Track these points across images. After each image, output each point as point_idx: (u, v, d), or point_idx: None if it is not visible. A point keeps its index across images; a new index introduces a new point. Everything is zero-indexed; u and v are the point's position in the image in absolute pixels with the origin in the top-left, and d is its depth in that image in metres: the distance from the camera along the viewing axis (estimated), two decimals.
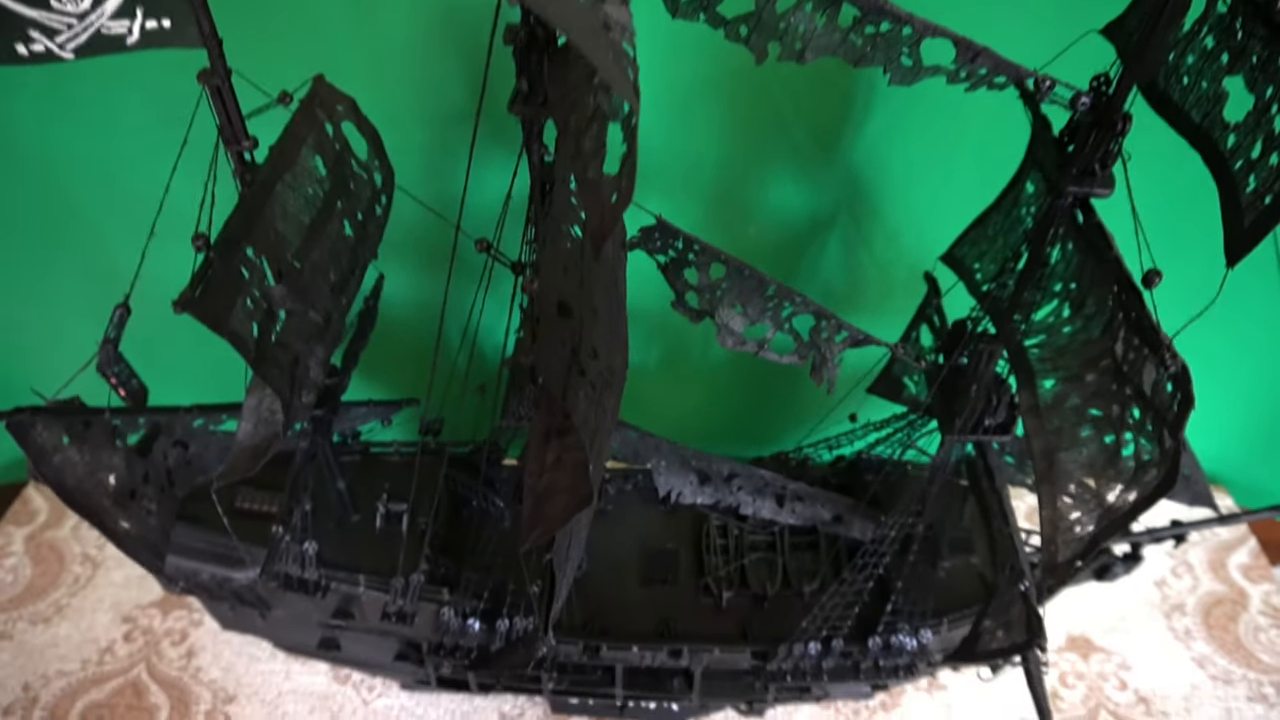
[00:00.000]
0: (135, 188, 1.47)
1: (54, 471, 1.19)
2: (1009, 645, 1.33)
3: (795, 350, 1.35)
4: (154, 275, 1.20)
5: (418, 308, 1.88)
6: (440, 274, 1.89)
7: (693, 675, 1.68)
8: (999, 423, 1.32)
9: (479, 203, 1.46)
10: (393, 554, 1.56)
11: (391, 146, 1.39)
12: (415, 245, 1.79)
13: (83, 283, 1.89)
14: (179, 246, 1.01)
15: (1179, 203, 1.23)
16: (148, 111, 1.50)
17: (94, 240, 1.81)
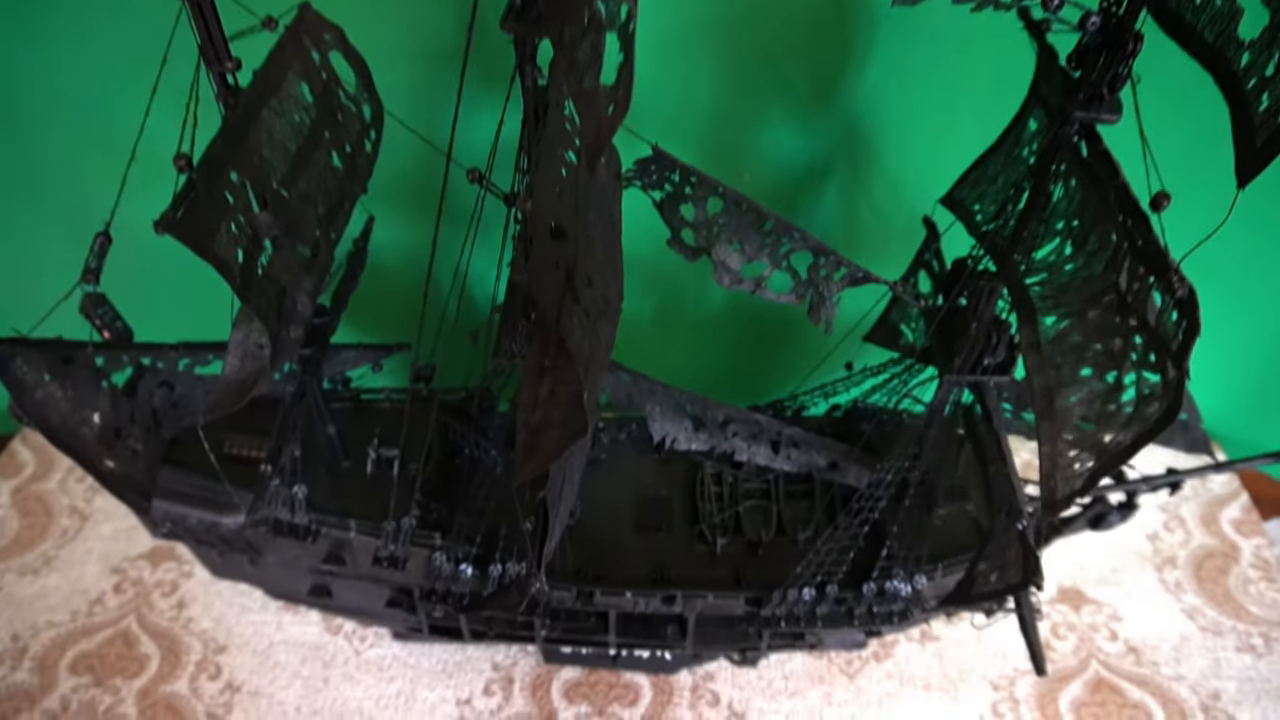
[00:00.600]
0: (114, 119, 1.43)
1: (36, 408, 1.17)
2: (1004, 586, 1.32)
3: (793, 289, 1.33)
4: (136, 217, 1.17)
5: (408, 253, 1.85)
6: (431, 219, 1.87)
7: (686, 622, 1.68)
8: (998, 362, 1.31)
9: (470, 143, 1.42)
10: (384, 500, 1.55)
11: (380, 85, 1.36)
12: (405, 189, 1.75)
13: (62, 221, 1.85)
14: (161, 186, 0.98)
15: (1188, 128, 1.20)
16: (123, 35, 1.46)
17: (72, 176, 1.77)
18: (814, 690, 1.93)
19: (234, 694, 1.87)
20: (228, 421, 1.41)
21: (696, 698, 1.91)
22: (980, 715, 1.90)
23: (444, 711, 1.87)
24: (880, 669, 1.97)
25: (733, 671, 1.95)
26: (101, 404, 1.25)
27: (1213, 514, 2.29)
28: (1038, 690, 1.94)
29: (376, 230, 1.63)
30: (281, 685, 1.89)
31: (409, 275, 1.85)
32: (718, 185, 1.21)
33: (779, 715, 1.89)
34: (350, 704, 1.87)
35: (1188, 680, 1.96)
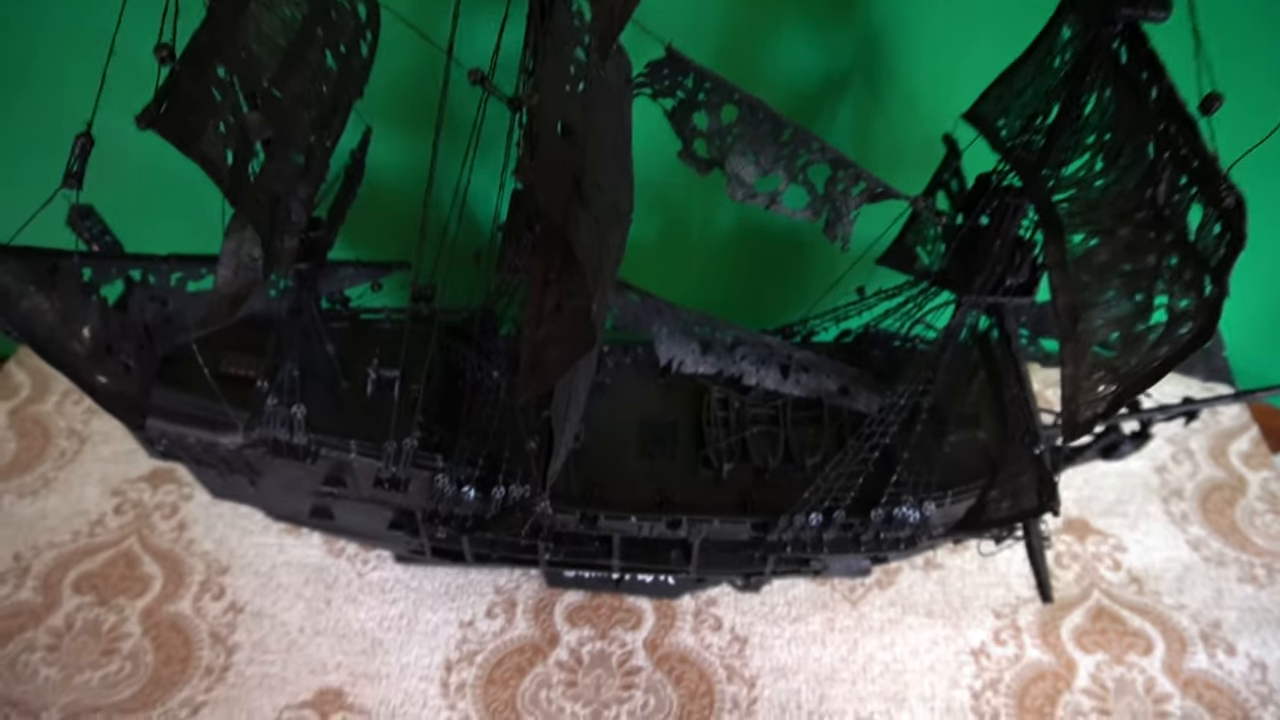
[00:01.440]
0: (90, 14, 1.35)
1: (21, 319, 1.12)
2: (1018, 511, 1.30)
3: (808, 204, 1.27)
4: (118, 124, 1.11)
5: (406, 167, 1.78)
6: (431, 131, 1.80)
7: (691, 547, 1.67)
8: (1021, 283, 1.26)
9: (472, 47, 1.35)
10: (385, 421, 1.51)
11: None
12: (404, 99, 1.68)
13: (37, 126, 1.78)
14: (144, 90, 0.92)
15: (1239, 26, 1.13)
16: None
17: (48, 78, 1.70)
18: (816, 616, 1.93)
19: (237, 614, 1.88)
20: (224, 340, 1.38)
21: (699, 622, 1.91)
22: (982, 642, 1.91)
23: (447, 633, 1.87)
24: (883, 596, 1.97)
25: (735, 597, 1.95)
26: (91, 318, 1.21)
27: (1221, 447, 2.26)
28: (1040, 619, 1.94)
29: (374, 143, 1.56)
30: (284, 606, 1.89)
31: (408, 190, 1.79)
32: (734, 90, 1.15)
33: (781, 640, 1.90)
34: (353, 625, 1.87)
35: (1189, 609, 1.97)
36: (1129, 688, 1.85)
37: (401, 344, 1.61)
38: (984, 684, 1.85)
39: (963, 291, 1.29)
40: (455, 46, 1.11)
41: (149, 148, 1.17)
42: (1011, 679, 1.86)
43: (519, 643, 1.86)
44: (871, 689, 1.83)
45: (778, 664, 1.86)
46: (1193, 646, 1.91)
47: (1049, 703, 1.83)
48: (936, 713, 1.81)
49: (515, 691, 1.80)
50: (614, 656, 1.85)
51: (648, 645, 1.87)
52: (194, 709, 1.74)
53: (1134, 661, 1.89)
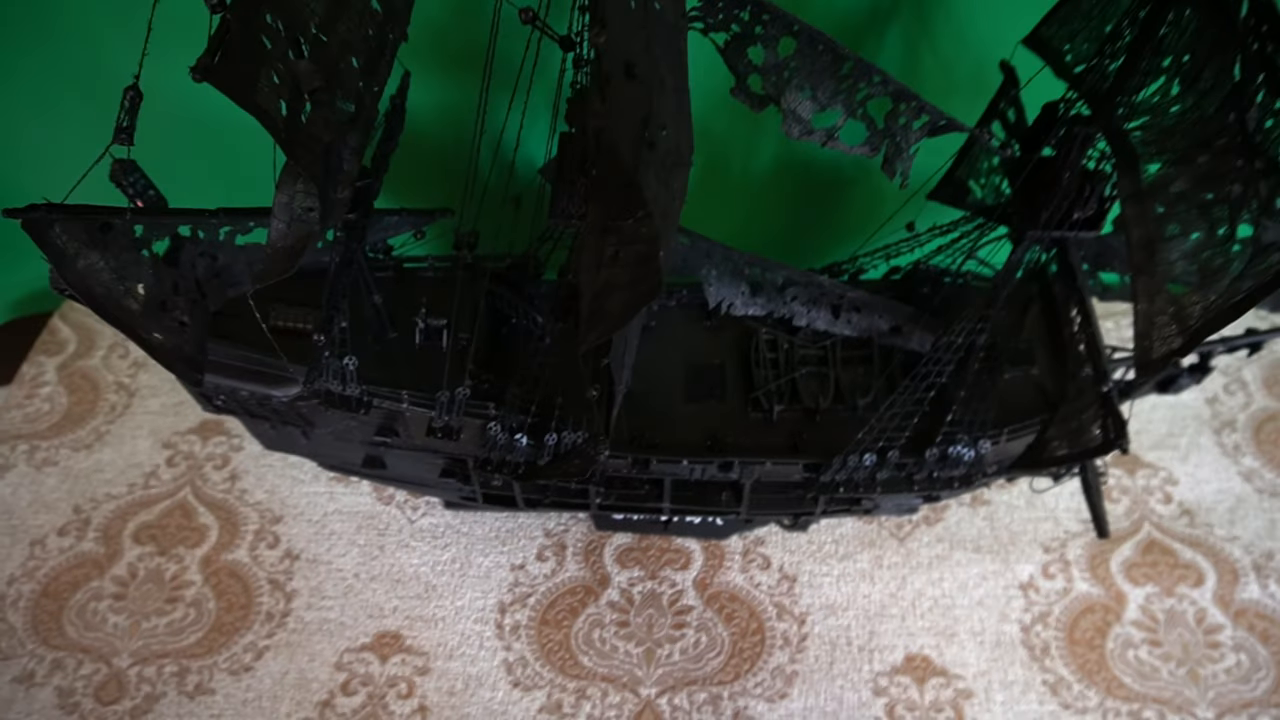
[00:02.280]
0: None
1: (79, 278, 1.12)
2: (1085, 449, 1.28)
3: (867, 140, 1.23)
4: (159, 78, 1.08)
5: (445, 112, 1.75)
6: (470, 72, 1.75)
7: (742, 489, 1.67)
8: (1087, 216, 1.22)
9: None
10: (434, 370, 1.52)
11: None
12: (441, 40, 1.64)
13: (81, 82, 1.76)
14: (183, 44, 0.89)
15: None
16: None
17: (88, 33, 1.67)
18: (864, 554, 1.94)
19: (293, 561, 1.91)
20: (271, 293, 1.37)
21: (748, 561, 1.93)
22: (1031, 576, 1.91)
23: (498, 577, 1.90)
24: (930, 532, 1.97)
25: (783, 536, 1.96)
26: (145, 275, 1.20)
27: (1275, 376, 2.22)
28: (1089, 552, 1.94)
29: (411, 88, 1.53)
30: (339, 553, 1.93)
31: (446, 136, 1.75)
32: (793, 22, 1.10)
33: (830, 578, 1.91)
34: (407, 570, 1.91)
35: (1241, 541, 1.96)
36: (1180, 619, 1.85)
37: (446, 292, 1.61)
38: (1033, 617, 1.86)
39: (1027, 227, 1.25)
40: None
41: (189, 99, 1.15)
42: (1061, 612, 1.87)
43: (570, 584, 1.89)
44: (921, 624, 1.85)
45: (827, 601, 1.88)
46: (1245, 578, 1.90)
47: (1099, 635, 1.84)
48: (986, 646, 1.82)
49: (569, 632, 1.83)
50: (664, 596, 1.88)
51: (697, 585, 1.90)
52: (258, 653, 1.79)
53: (1185, 593, 1.89)
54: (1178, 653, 1.81)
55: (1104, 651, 1.81)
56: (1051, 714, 1.74)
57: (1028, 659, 1.81)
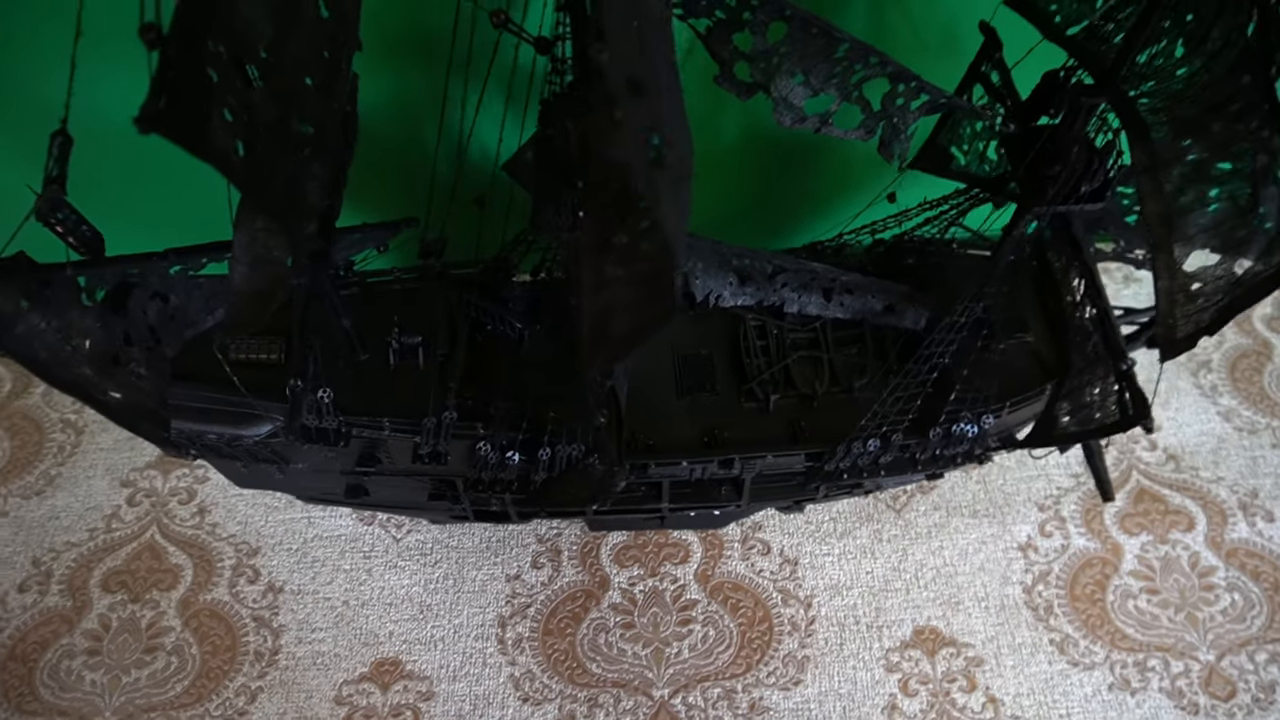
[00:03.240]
0: None
1: (20, 344, 1.00)
2: (1102, 425, 1.26)
3: (862, 123, 1.17)
4: (95, 101, 0.97)
5: (397, 110, 1.63)
6: (420, 66, 1.63)
7: (742, 482, 1.62)
8: (1093, 189, 1.17)
9: None
10: (412, 391, 1.43)
11: None
12: (387, 33, 1.52)
13: (15, 123, 1.61)
14: (120, 66, 0.78)
15: None
16: None
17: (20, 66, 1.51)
18: (863, 529, 1.92)
19: (277, 595, 1.82)
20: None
21: (747, 549, 1.90)
22: (1028, 536, 1.91)
23: (495, 589, 1.84)
24: (926, 501, 1.96)
25: (780, 519, 1.93)
26: (91, 327, 1.09)
27: (1246, 314, 2.24)
28: (1083, 507, 1.95)
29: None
30: (324, 581, 1.84)
31: (400, 137, 1.64)
32: (784, 6, 1.02)
33: (831, 557, 1.89)
34: (399, 591, 1.83)
35: (1226, 481, 1.98)
36: (1174, 565, 1.88)
37: (415, 305, 1.52)
38: (1034, 578, 1.87)
39: (1034, 202, 1.20)
40: None
41: (127, 133, 1.04)
42: (1060, 570, 1.88)
43: (570, 590, 1.84)
44: (925, 595, 1.84)
45: (831, 581, 1.86)
46: (1233, 518, 1.93)
47: (1099, 589, 1.85)
48: (991, 611, 1.83)
49: (574, 639, 1.78)
50: (667, 593, 1.84)
51: (699, 577, 1.86)
52: (251, 696, 1.71)
53: (1177, 539, 1.91)
54: (1175, 599, 1.84)
55: (1105, 605, 1.83)
56: (1061, 673, 1.75)
57: (1033, 620, 1.82)
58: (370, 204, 1.79)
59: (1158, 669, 1.75)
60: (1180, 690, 1.73)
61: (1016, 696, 1.73)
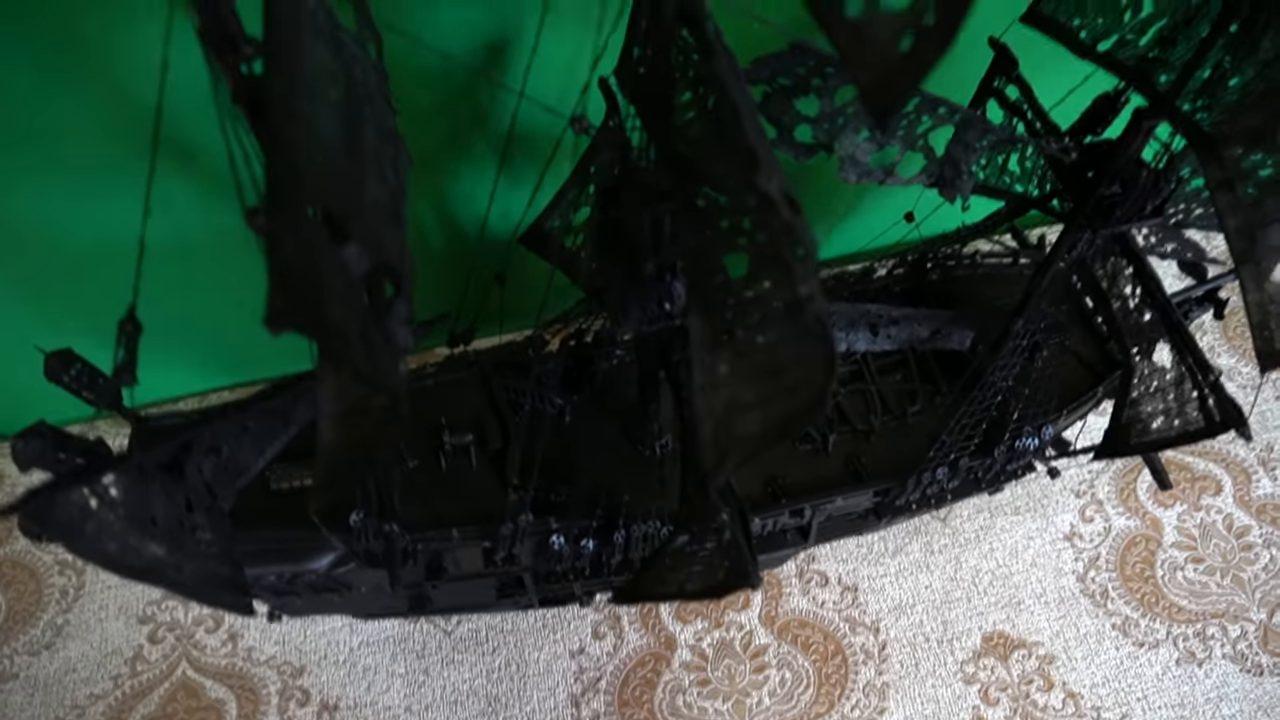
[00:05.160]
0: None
1: (91, 543, 0.90)
2: (1186, 431, 1.27)
3: (925, 169, 1.14)
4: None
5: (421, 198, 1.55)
6: (434, 157, 1.57)
7: (809, 527, 1.60)
8: (1156, 204, 1.18)
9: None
10: (472, 491, 1.36)
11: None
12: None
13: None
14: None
15: None
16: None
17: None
18: (913, 543, 1.92)
19: (332, 713, 1.72)
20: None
21: (806, 583, 1.87)
22: (1071, 525, 1.94)
23: (560, 668, 1.77)
24: (968, 505, 1.97)
25: (831, 547, 1.92)
26: (154, 504, 0.99)
27: None
28: (1117, 487, 1.99)
29: None
30: (380, 690, 1.75)
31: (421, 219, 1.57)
32: None
33: (888, 577, 1.88)
34: (461, 687, 1.75)
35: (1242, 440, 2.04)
36: (1212, 530, 1.93)
37: (451, 398, 1.45)
38: (1085, 565, 1.89)
39: (1101, 224, 1.19)
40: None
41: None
42: (1108, 552, 1.91)
43: (637, 655, 1.79)
44: (986, 600, 1.85)
45: (894, 602, 1.85)
46: (1255, 474, 1.99)
47: (1147, 565, 1.89)
48: (1051, 605, 1.85)
49: (651, 707, 1.73)
50: (736, 642, 1.80)
51: (764, 620, 1.83)
52: None
53: (1209, 503, 1.96)
54: (1219, 563, 1.89)
55: (1157, 580, 1.87)
56: (1129, 655, 1.79)
57: (1092, 608, 1.84)
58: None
59: (1217, 636, 1.80)
60: (1242, 654, 1.78)
61: (1093, 687, 1.75)
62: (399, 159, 0.98)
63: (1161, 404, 1.31)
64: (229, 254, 1.50)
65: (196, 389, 2.07)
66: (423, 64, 1.48)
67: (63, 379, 1.08)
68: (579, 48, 1.13)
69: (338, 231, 0.79)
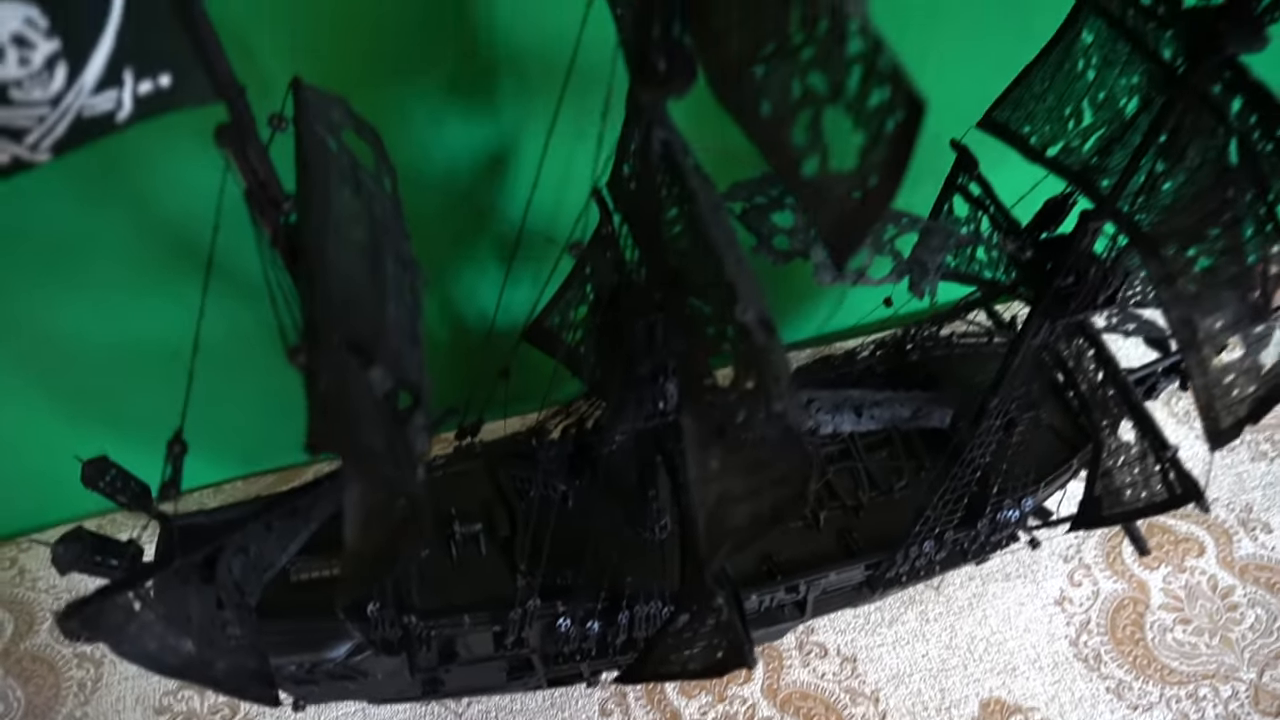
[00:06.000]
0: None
1: (133, 643, 0.98)
2: (1153, 504, 1.35)
3: (893, 270, 1.25)
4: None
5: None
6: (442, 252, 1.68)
7: (805, 601, 1.66)
8: (1107, 295, 1.28)
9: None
10: (482, 579, 1.44)
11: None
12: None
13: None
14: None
15: None
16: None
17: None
18: (909, 612, 1.98)
19: None
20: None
21: (806, 655, 1.92)
22: (1061, 590, 2.00)
23: None
24: (960, 574, 2.03)
25: (830, 618, 1.97)
26: (191, 605, 1.07)
27: None
28: (1103, 550, 2.05)
29: None
30: None
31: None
32: None
33: (885, 647, 1.93)
34: None
35: (1221, 501, 2.12)
36: (1198, 591, 1.99)
37: (460, 488, 1.53)
38: (1077, 629, 1.95)
39: (1059, 314, 1.30)
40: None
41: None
42: (1098, 616, 1.97)
43: None
44: (982, 667, 1.90)
45: (892, 672, 1.90)
46: (1236, 535, 2.06)
47: (1136, 628, 1.95)
48: (1046, 670, 1.90)
49: None
50: (740, 716, 1.85)
51: (767, 693, 1.87)
52: None
53: (1193, 565, 2.03)
54: (1206, 624, 1.94)
55: (1147, 643, 1.92)
56: (1124, 719, 1.83)
57: (1085, 672, 1.89)
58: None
59: (1209, 697, 1.84)
60: (1235, 714, 1.82)
61: None
62: (415, 280, 1.08)
63: (1129, 476, 1.39)
64: (244, 353, 1.60)
65: (214, 479, 2.15)
66: (428, 173, 1.61)
67: (99, 485, 1.16)
68: (572, 156, 1.23)
69: (364, 355, 0.88)
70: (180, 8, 0.66)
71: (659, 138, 0.85)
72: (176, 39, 0.69)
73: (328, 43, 1.38)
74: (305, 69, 1.33)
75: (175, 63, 0.71)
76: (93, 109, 0.69)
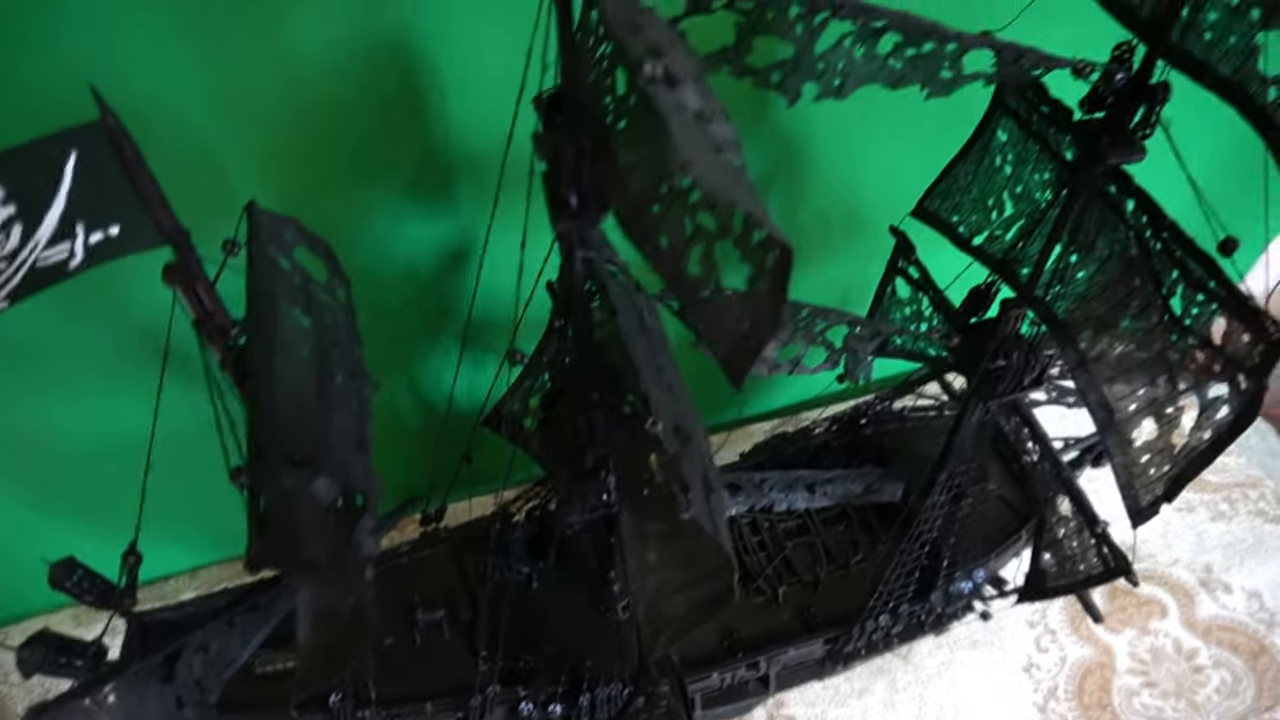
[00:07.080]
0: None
1: None
2: (1089, 577, 1.39)
3: (827, 358, 1.32)
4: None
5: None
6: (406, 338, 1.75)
7: (768, 677, 1.68)
8: (1034, 377, 1.35)
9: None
10: (445, 665, 1.47)
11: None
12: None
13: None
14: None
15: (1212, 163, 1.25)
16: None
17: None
18: (878, 682, 1.99)
19: None
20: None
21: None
22: (1028, 656, 2.02)
23: None
24: (928, 642, 2.05)
25: (798, 690, 1.98)
26: (150, 706, 1.10)
27: None
28: (1068, 615, 2.08)
29: None
30: None
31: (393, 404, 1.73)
32: None
33: (855, 718, 1.95)
34: None
35: (1182, 561, 2.15)
36: (1163, 654, 2.01)
37: (422, 575, 1.57)
38: (1044, 696, 1.97)
39: (989, 396, 1.36)
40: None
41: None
42: (1065, 681, 1.98)
43: None
44: None
45: None
46: (1197, 596, 2.09)
47: (1103, 693, 1.96)
48: None
49: None
50: None
51: None
52: None
53: (1157, 627, 2.05)
54: (1172, 687, 1.96)
55: (1114, 709, 1.94)
56: None
57: None
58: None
59: None
60: None
61: None
62: (363, 389, 1.14)
63: (1070, 549, 1.44)
64: (214, 441, 1.65)
65: (188, 565, 2.18)
66: (391, 268, 1.68)
67: (65, 585, 1.20)
68: (533, 248, 1.30)
69: (308, 467, 0.94)
70: (126, 170, 0.73)
71: (579, 258, 0.92)
72: (124, 193, 0.76)
73: (294, 150, 1.45)
74: (271, 175, 1.41)
75: (123, 214, 0.78)
76: (46, 260, 0.76)
